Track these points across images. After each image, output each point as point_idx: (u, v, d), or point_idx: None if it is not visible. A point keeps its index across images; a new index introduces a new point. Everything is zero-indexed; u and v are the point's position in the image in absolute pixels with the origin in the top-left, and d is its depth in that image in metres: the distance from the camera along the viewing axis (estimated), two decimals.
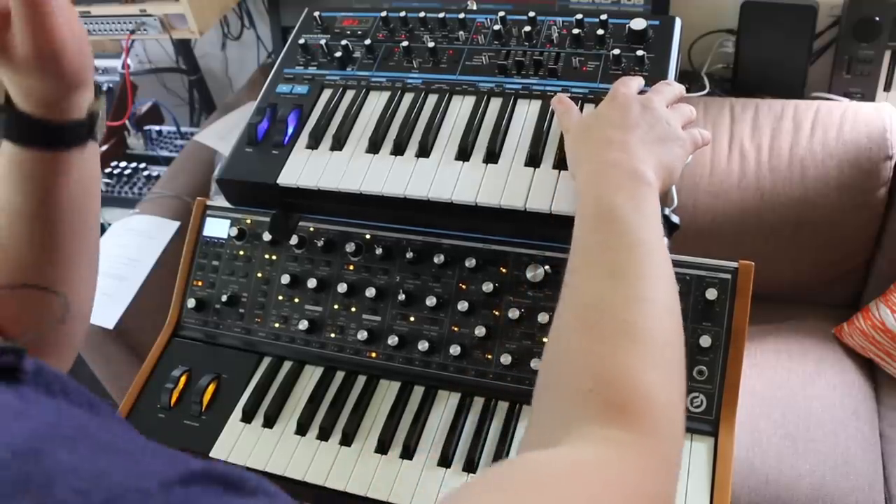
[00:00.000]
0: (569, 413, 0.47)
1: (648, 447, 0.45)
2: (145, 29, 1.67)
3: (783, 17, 1.47)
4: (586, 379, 0.48)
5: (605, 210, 0.57)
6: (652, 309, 0.51)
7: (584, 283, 0.54)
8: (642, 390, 0.47)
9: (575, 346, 0.51)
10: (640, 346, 0.49)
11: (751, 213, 1.39)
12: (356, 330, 0.84)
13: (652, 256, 0.54)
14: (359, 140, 0.85)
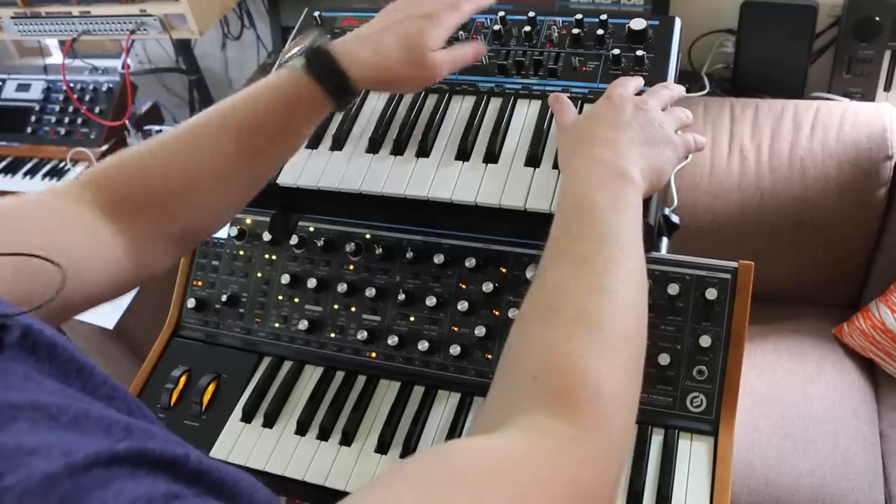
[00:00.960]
0: (513, 400, 0.46)
1: (589, 441, 0.43)
2: (145, 29, 1.68)
3: (783, 17, 1.47)
4: (534, 365, 0.46)
5: (582, 204, 0.56)
6: (614, 302, 0.50)
7: (550, 271, 0.53)
8: (589, 380, 0.45)
9: (529, 332, 0.49)
10: (594, 335, 0.47)
11: (751, 213, 1.39)
12: (356, 330, 0.84)
13: (623, 252, 0.53)
14: (359, 140, 0.85)
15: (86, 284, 0.54)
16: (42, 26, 1.74)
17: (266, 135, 0.64)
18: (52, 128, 2.01)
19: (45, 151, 1.99)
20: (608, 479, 0.44)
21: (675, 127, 0.69)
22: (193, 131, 0.63)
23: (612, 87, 0.70)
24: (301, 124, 0.66)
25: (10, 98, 2.08)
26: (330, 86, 0.65)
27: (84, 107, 1.93)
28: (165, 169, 0.61)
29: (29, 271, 0.46)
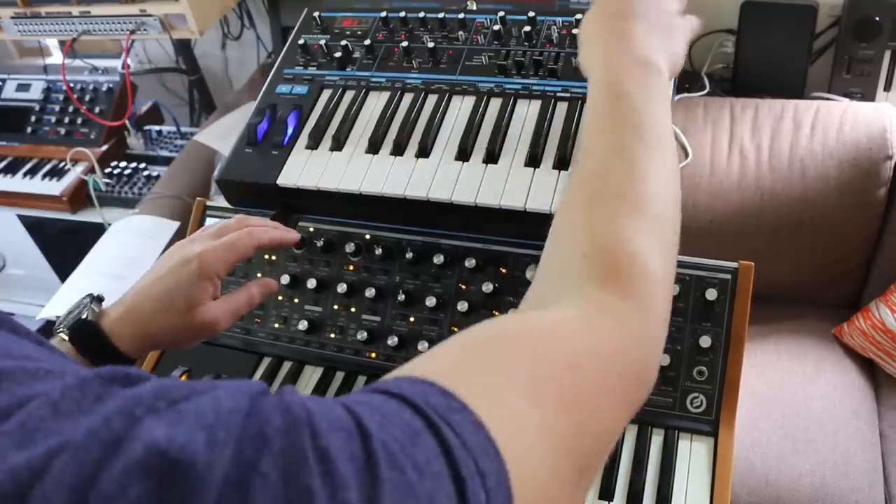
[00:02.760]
0: (562, 277, 0.46)
1: (637, 313, 0.44)
2: (145, 29, 1.67)
3: (783, 17, 1.47)
4: (582, 243, 0.47)
5: (614, 94, 0.56)
6: (653, 184, 0.51)
7: (589, 157, 0.53)
8: (636, 256, 0.46)
9: (575, 214, 0.50)
10: (637, 214, 0.48)
11: (751, 213, 1.39)
12: (356, 330, 0.84)
13: (658, 139, 0.54)
14: (358, 140, 0.85)
15: None
16: (42, 26, 1.74)
17: None
18: (52, 128, 2.01)
19: (45, 151, 1.99)
20: (654, 353, 0.45)
21: (680, 10, 0.68)
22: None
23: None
24: None
25: (10, 98, 2.08)
26: (98, 360, 0.62)
27: (84, 107, 1.93)
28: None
29: None
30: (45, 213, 1.93)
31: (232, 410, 0.27)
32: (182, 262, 0.65)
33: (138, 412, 0.26)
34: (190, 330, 0.65)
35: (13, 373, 0.29)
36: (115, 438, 0.25)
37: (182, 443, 0.25)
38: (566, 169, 0.77)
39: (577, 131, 0.79)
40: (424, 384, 0.33)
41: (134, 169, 1.92)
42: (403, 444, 0.29)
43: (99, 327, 0.62)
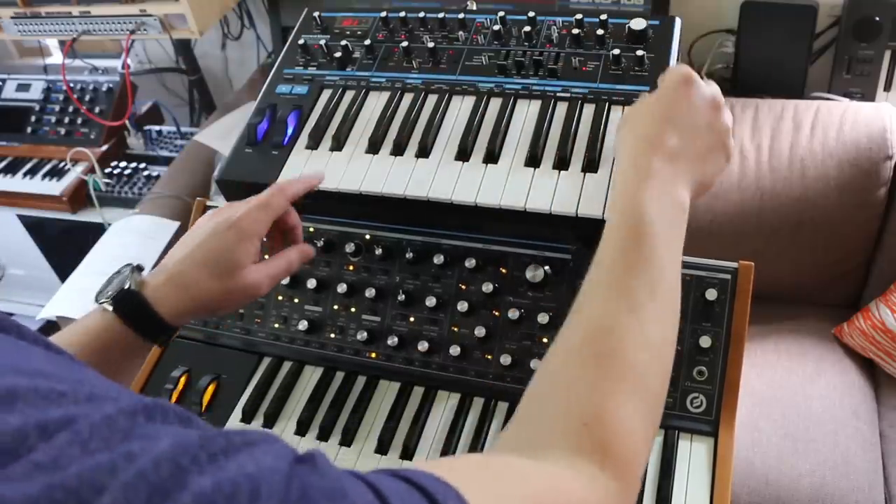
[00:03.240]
0: (558, 436, 0.48)
1: (624, 496, 0.47)
2: (145, 29, 1.67)
3: (783, 17, 1.47)
4: (585, 411, 0.48)
5: (639, 233, 0.55)
6: (660, 358, 0.52)
7: (603, 304, 0.53)
8: (633, 443, 0.48)
9: (580, 372, 0.51)
10: (642, 396, 0.50)
11: (751, 213, 1.39)
12: (356, 330, 0.84)
13: (674, 299, 0.55)
14: (358, 140, 0.85)
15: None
16: (42, 26, 1.74)
17: None
18: (52, 128, 2.01)
19: (45, 151, 1.99)
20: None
21: (730, 133, 0.66)
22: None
23: (693, 78, 0.64)
24: (119, 366, 0.64)
25: (10, 98, 2.08)
26: (143, 329, 0.63)
27: (84, 107, 1.93)
28: None
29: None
30: (45, 213, 1.93)
31: (272, 469, 0.29)
32: (223, 226, 0.66)
33: (184, 462, 0.27)
34: (232, 294, 0.66)
35: (25, 393, 0.30)
36: (161, 486, 0.26)
37: (227, 494, 0.26)
38: (566, 169, 0.77)
39: (576, 131, 0.79)
40: (444, 485, 0.35)
41: (134, 169, 1.92)
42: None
43: (142, 296, 0.63)
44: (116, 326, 0.62)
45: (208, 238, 0.66)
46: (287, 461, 0.30)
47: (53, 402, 0.30)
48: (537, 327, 0.79)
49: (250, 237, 0.66)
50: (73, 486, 0.25)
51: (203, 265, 0.64)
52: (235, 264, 0.65)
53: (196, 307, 0.65)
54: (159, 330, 0.63)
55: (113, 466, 0.26)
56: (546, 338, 0.79)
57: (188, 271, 0.64)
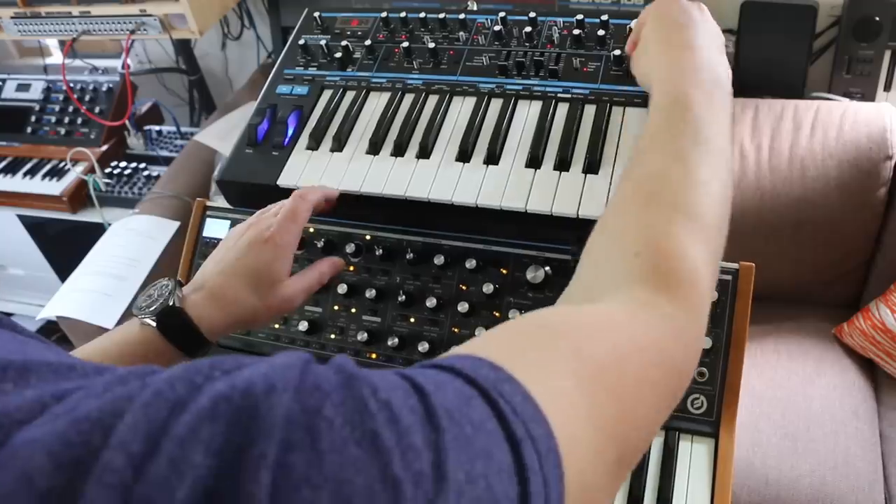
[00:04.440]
0: (614, 273, 0.47)
1: (685, 319, 0.45)
2: (145, 29, 1.67)
3: (783, 17, 1.47)
4: (637, 243, 0.48)
5: (680, 103, 0.57)
6: (709, 194, 0.52)
7: (649, 159, 0.54)
8: (688, 263, 0.47)
9: (630, 212, 0.51)
10: (692, 223, 0.49)
11: (751, 213, 1.39)
12: (356, 331, 0.84)
13: (718, 151, 0.55)
14: (359, 141, 0.85)
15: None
16: (42, 26, 1.74)
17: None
18: (52, 128, 2.01)
19: (45, 151, 1.99)
20: (694, 356, 0.47)
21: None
22: None
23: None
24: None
25: (10, 98, 2.08)
26: (182, 344, 0.63)
27: (84, 107, 1.93)
28: None
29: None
30: (45, 213, 1.93)
31: (286, 365, 0.29)
32: (259, 241, 0.66)
33: (198, 380, 0.28)
34: (269, 308, 0.67)
35: (38, 369, 0.30)
36: (179, 399, 0.27)
37: (242, 389, 0.27)
38: (567, 170, 0.77)
39: (577, 132, 0.80)
40: (474, 359, 0.34)
41: (134, 169, 1.92)
42: (458, 404, 0.30)
43: (186, 314, 0.63)
44: (157, 342, 0.62)
45: (246, 253, 0.66)
46: (301, 360, 0.30)
47: (64, 375, 0.30)
48: None
49: (286, 252, 0.67)
50: (95, 417, 0.26)
51: (243, 281, 0.65)
52: (275, 279, 0.66)
53: (235, 323, 0.66)
54: (199, 345, 0.64)
55: (129, 395, 0.27)
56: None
57: (229, 287, 0.65)
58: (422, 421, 0.28)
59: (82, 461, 0.24)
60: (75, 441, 0.25)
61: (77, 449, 0.25)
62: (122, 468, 0.24)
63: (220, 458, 0.25)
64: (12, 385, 0.29)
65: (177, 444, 0.25)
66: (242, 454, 0.25)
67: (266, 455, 0.25)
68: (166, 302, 0.63)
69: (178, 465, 0.24)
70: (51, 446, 0.25)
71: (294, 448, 0.25)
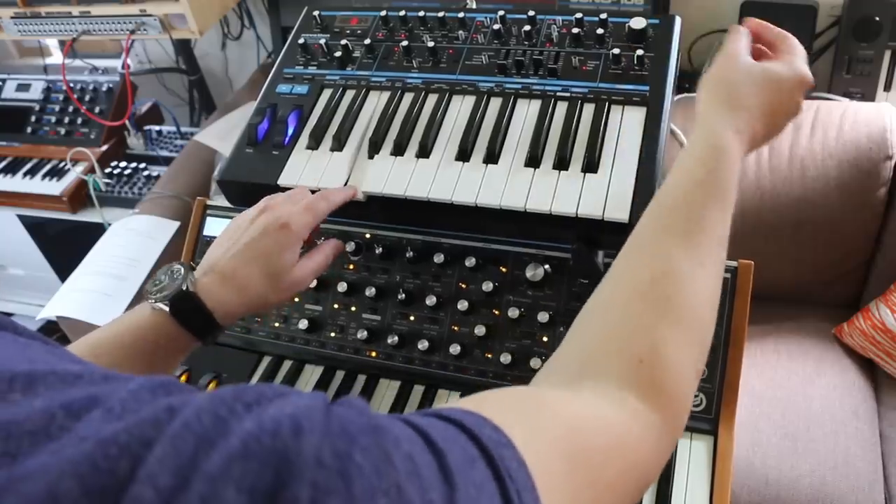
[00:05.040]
0: (609, 370, 0.48)
1: (668, 434, 0.47)
2: (145, 29, 1.67)
3: (783, 17, 1.47)
4: (641, 349, 0.48)
5: (721, 186, 0.56)
6: (713, 310, 0.53)
7: (671, 250, 0.53)
8: (685, 384, 0.49)
9: (641, 310, 0.51)
10: (696, 340, 0.50)
11: (751, 213, 1.39)
12: (356, 329, 0.84)
13: (724, 254, 0.56)
14: (359, 140, 0.85)
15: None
16: (42, 26, 1.74)
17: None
18: (52, 128, 2.01)
19: (45, 151, 1.99)
20: (662, 464, 0.48)
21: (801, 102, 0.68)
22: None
23: (800, 60, 0.67)
24: (166, 363, 0.65)
25: (10, 98, 2.08)
26: (195, 328, 0.64)
27: (84, 107, 1.93)
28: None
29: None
30: (45, 213, 1.93)
31: (310, 407, 0.29)
32: (273, 226, 0.67)
33: (222, 413, 0.28)
34: (280, 290, 0.68)
35: (44, 376, 0.30)
36: (206, 433, 0.27)
37: (271, 430, 0.27)
38: (566, 169, 0.77)
39: (577, 131, 0.80)
40: (479, 417, 0.36)
41: (134, 169, 1.92)
42: (465, 465, 0.32)
43: (199, 298, 0.63)
44: (170, 326, 0.62)
45: (259, 238, 0.67)
46: (323, 402, 0.31)
47: (71, 383, 0.30)
48: (537, 326, 0.79)
49: (298, 239, 0.69)
50: (123, 442, 0.26)
51: (255, 264, 0.66)
52: (285, 264, 0.67)
53: (247, 306, 0.66)
54: (211, 330, 0.65)
55: (157, 420, 0.27)
56: (546, 336, 0.79)
57: (242, 271, 0.66)
58: (438, 478, 0.30)
59: (109, 491, 0.25)
60: (103, 467, 0.25)
61: (104, 477, 0.25)
62: (151, 501, 0.25)
63: (252, 496, 0.25)
64: (20, 395, 0.29)
65: (208, 482, 0.25)
66: (275, 495, 0.25)
67: (299, 498, 0.25)
68: (179, 286, 0.63)
69: (210, 502, 0.25)
70: (79, 468, 0.25)
71: (328, 492, 0.26)
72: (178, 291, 0.63)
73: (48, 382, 0.30)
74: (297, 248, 0.69)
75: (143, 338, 0.62)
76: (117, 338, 0.61)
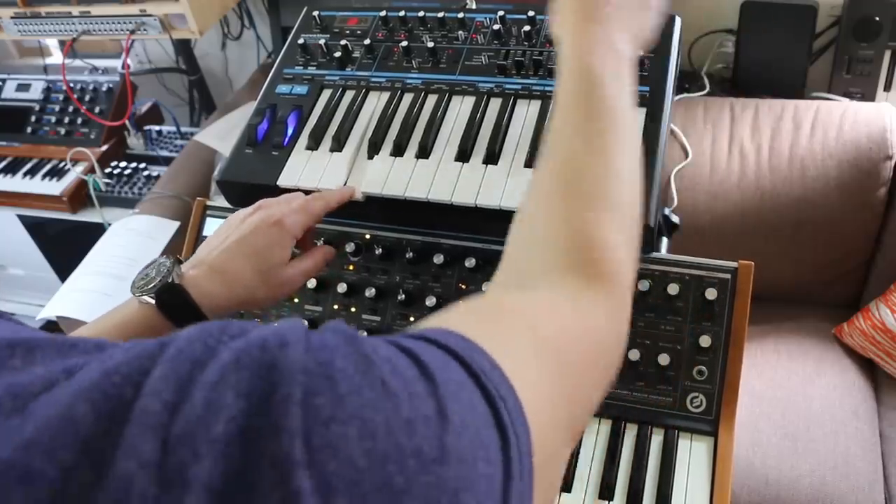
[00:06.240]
0: (545, 263, 0.49)
1: (614, 307, 0.48)
2: (145, 29, 1.67)
3: (783, 17, 1.47)
4: (562, 236, 0.50)
5: (587, 81, 0.57)
6: (621, 178, 0.54)
7: (565, 144, 0.55)
8: (613, 252, 0.50)
9: (556, 202, 0.52)
10: (613, 213, 0.51)
11: (751, 213, 1.39)
12: (356, 330, 0.84)
13: (627, 129, 0.56)
14: (359, 141, 0.85)
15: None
16: (42, 26, 1.74)
17: None
18: (52, 128, 2.01)
19: (45, 151, 1.99)
20: (621, 342, 0.50)
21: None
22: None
23: None
24: None
25: (10, 98, 2.08)
26: (182, 321, 0.63)
27: (84, 107, 1.93)
28: None
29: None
30: (45, 213, 1.93)
31: (292, 327, 0.31)
32: (266, 223, 0.68)
33: (211, 342, 0.30)
34: (270, 289, 0.68)
35: (43, 346, 0.32)
36: (199, 357, 0.29)
37: (259, 344, 0.29)
38: None
39: None
40: (444, 331, 0.37)
41: (134, 169, 1.92)
42: (442, 365, 0.33)
43: (186, 291, 0.63)
44: (156, 320, 0.62)
45: (251, 234, 0.67)
46: (302, 324, 0.32)
47: (68, 353, 0.32)
48: None
49: (290, 236, 0.69)
50: (124, 371, 0.28)
51: (246, 260, 0.66)
52: (276, 261, 0.67)
53: (236, 301, 0.66)
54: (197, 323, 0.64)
55: (151, 353, 0.29)
56: None
57: (231, 265, 0.66)
58: (418, 375, 0.31)
59: (118, 411, 0.26)
60: (111, 393, 0.27)
61: (113, 401, 0.27)
62: (158, 411, 0.26)
63: (249, 399, 0.27)
64: (20, 362, 0.30)
65: (208, 389, 0.27)
66: (270, 396, 0.27)
67: (292, 395, 0.27)
68: (165, 279, 0.63)
69: (212, 406, 0.27)
70: (90, 394, 0.27)
71: (317, 392, 0.28)
72: (164, 284, 0.63)
73: (45, 350, 0.31)
74: (288, 245, 0.68)
75: (131, 332, 0.61)
76: (104, 333, 0.61)
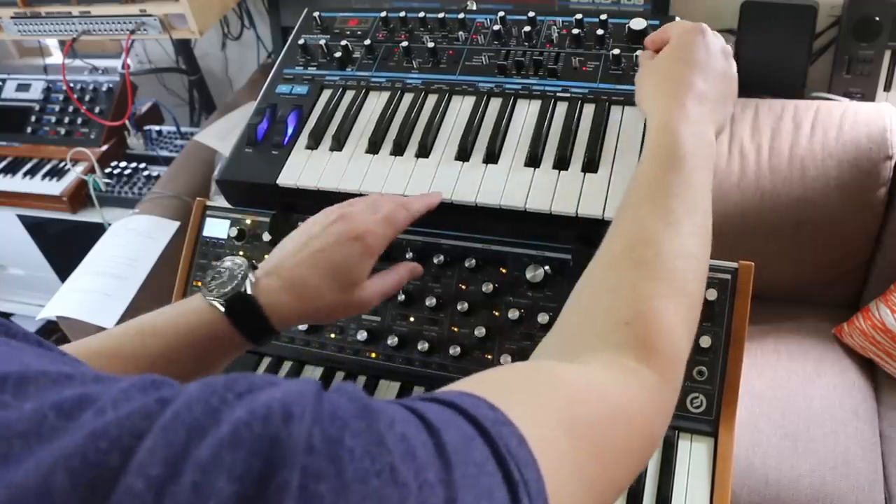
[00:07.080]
0: (601, 336, 0.48)
1: (664, 389, 0.47)
2: (145, 29, 1.67)
3: (783, 17, 1.47)
4: (627, 311, 0.49)
5: (676, 157, 0.57)
6: (696, 266, 0.53)
7: (643, 219, 0.55)
8: (675, 339, 0.49)
9: (622, 276, 0.52)
10: (681, 298, 0.51)
11: (751, 213, 1.39)
12: (356, 330, 0.84)
13: (705, 217, 0.56)
14: (358, 140, 0.85)
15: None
16: (42, 26, 1.74)
17: (179, 367, 0.58)
18: (52, 128, 2.01)
19: (45, 151, 1.99)
20: (666, 425, 0.49)
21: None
22: (110, 352, 0.57)
23: (706, 27, 0.70)
24: (217, 361, 0.61)
25: (10, 98, 2.08)
26: (249, 331, 0.60)
27: (84, 107, 1.93)
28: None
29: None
30: (45, 213, 1.93)
31: (300, 392, 0.29)
32: (348, 237, 0.63)
33: (214, 402, 0.28)
34: (345, 306, 0.64)
35: (36, 378, 0.30)
36: (197, 423, 0.27)
37: (262, 416, 0.27)
38: (566, 169, 0.77)
39: (577, 131, 0.80)
40: (474, 398, 0.35)
41: (134, 169, 1.92)
42: (463, 444, 0.31)
43: (258, 303, 0.60)
44: (223, 326, 0.59)
45: (332, 247, 0.62)
46: (315, 387, 0.30)
47: (62, 384, 0.30)
48: (537, 327, 0.79)
49: (373, 254, 0.64)
50: (113, 434, 0.26)
51: (325, 275, 0.62)
52: (355, 278, 0.63)
53: (307, 316, 0.63)
54: (265, 334, 0.61)
55: (148, 412, 0.27)
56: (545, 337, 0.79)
57: (309, 279, 0.61)
58: (434, 458, 0.29)
59: (100, 484, 0.25)
60: (93, 461, 0.25)
61: (95, 470, 0.25)
62: (142, 492, 0.25)
63: (242, 484, 0.25)
64: (10, 397, 0.29)
65: (199, 470, 0.25)
66: (265, 481, 0.25)
67: (290, 482, 0.25)
68: (238, 287, 0.60)
69: (201, 491, 0.25)
70: (70, 462, 0.25)
71: (319, 478, 0.26)
72: (236, 293, 0.60)
73: (39, 384, 0.30)
74: (369, 264, 0.64)
75: (194, 332, 0.59)
76: (165, 326, 0.58)
